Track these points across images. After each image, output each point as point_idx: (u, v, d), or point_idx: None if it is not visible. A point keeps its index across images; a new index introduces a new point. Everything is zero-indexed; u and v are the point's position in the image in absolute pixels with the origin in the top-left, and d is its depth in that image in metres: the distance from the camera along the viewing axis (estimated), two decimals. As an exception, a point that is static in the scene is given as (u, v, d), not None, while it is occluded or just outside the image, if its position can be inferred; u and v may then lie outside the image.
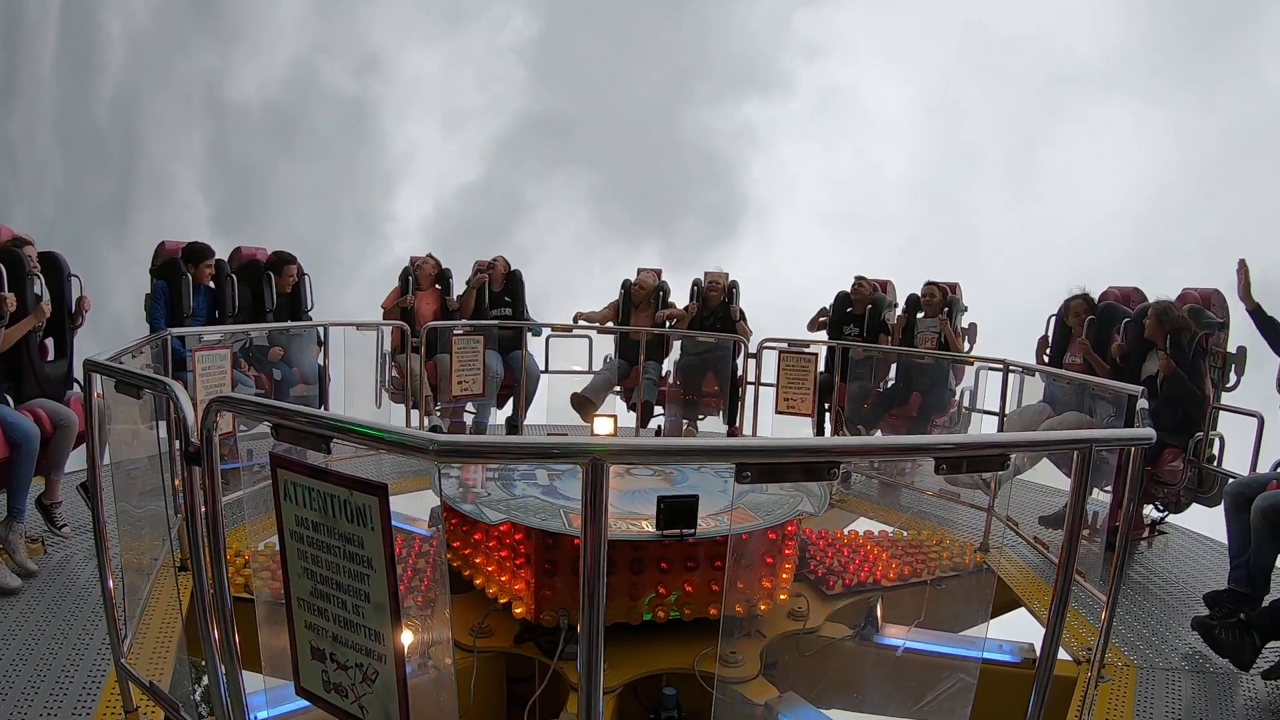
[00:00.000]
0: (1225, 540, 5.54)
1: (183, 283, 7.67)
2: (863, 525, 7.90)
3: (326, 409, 8.35)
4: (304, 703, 2.66)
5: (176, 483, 4.73)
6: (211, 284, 8.00)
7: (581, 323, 10.21)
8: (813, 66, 57.19)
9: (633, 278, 10.13)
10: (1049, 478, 7.39)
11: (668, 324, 10.02)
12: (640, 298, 10.06)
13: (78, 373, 5.59)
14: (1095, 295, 8.00)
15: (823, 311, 9.96)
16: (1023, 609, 6.11)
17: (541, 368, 10.17)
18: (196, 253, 7.79)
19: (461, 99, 50.54)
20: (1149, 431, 3.14)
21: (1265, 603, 4.99)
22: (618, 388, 10.16)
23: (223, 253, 8.25)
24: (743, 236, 53.50)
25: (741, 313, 9.91)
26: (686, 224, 54.13)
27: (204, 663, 2.94)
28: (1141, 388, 5.35)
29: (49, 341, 6.05)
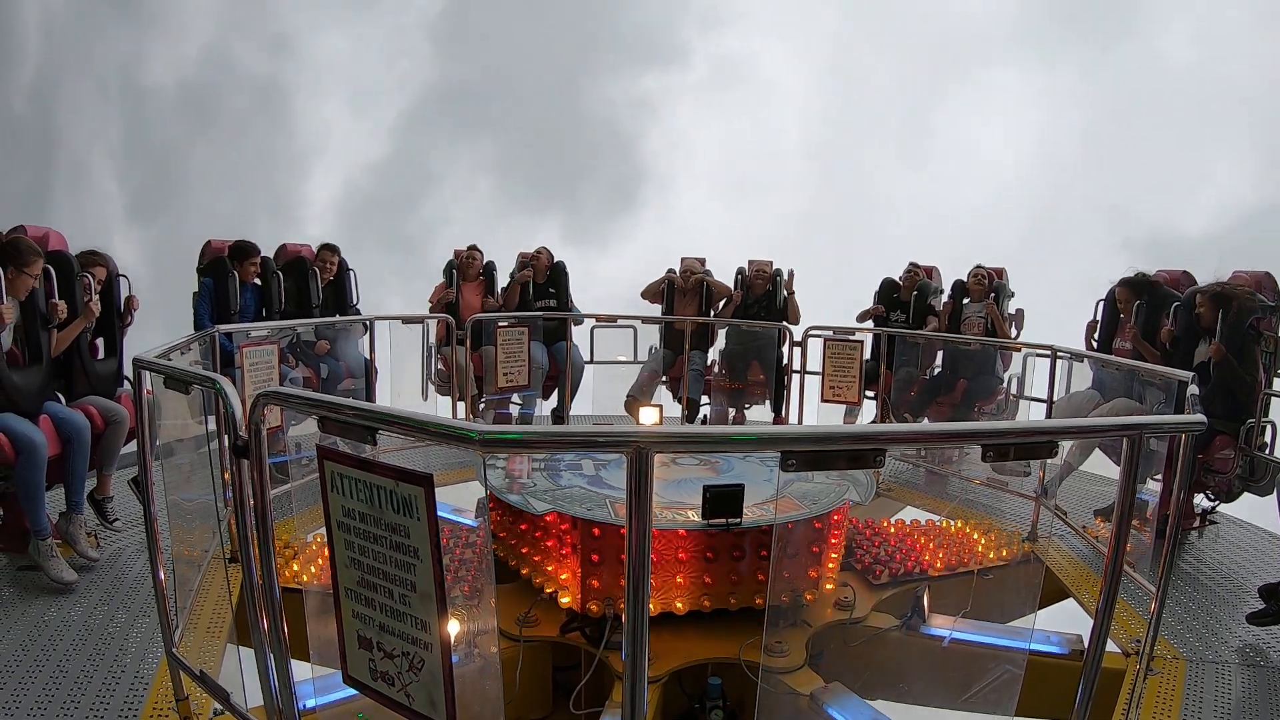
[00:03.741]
0: (1277, 530, 5.48)
1: (229, 281, 7.74)
2: (909, 514, 7.85)
3: (374, 402, 8.40)
4: (351, 691, 2.68)
5: (226, 476, 4.78)
6: (258, 281, 8.06)
7: (622, 317, 10.20)
8: (709, 37, 57.54)
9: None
10: (1101, 467, 7.30)
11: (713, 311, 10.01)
12: (685, 287, 10.03)
13: (128, 370, 5.67)
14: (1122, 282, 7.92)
15: (876, 308, 9.88)
16: (1071, 600, 6.04)
17: (586, 358, 10.15)
18: (242, 250, 7.86)
19: (370, 77, 50.81)
20: (1199, 417, 3.10)
21: None
22: (664, 378, 10.15)
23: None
24: (643, 206, 53.33)
25: (792, 290, 9.88)
26: (588, 195, 54.08)
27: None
28: (1192, 373, 5.29)
29: (99, 341, 6.14)
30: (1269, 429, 6.46)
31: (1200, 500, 7.06)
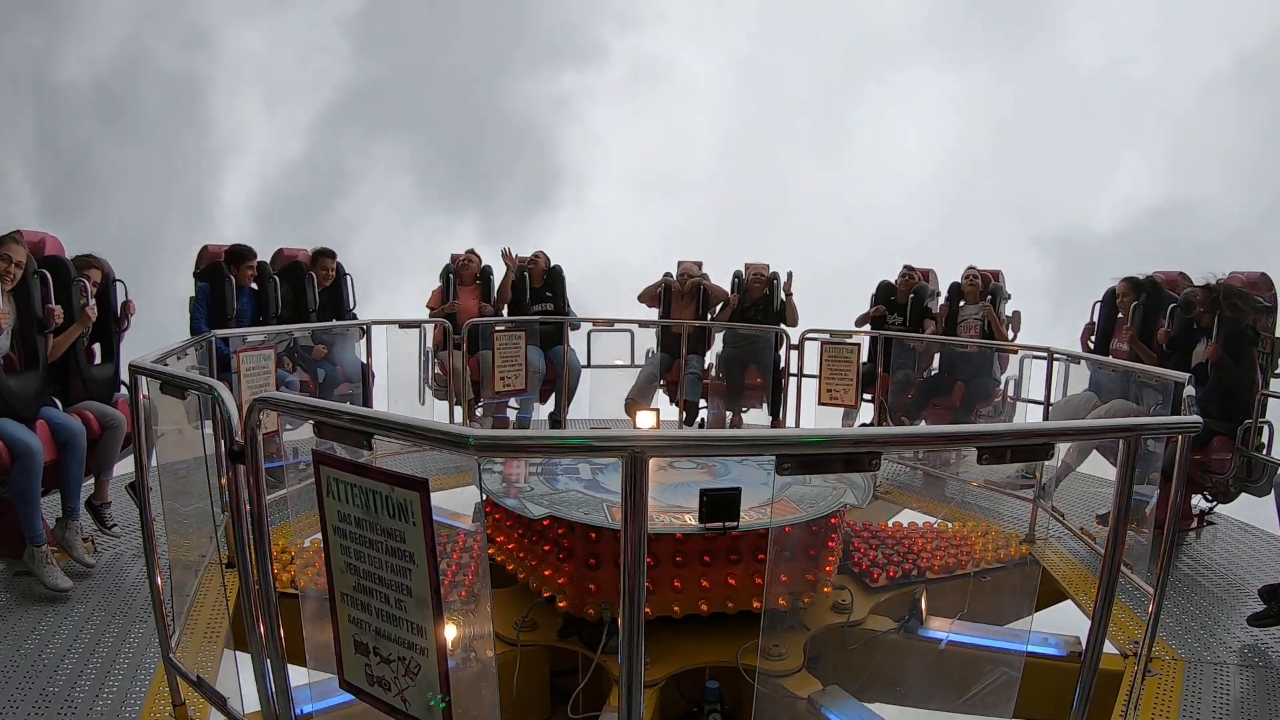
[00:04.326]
0: (1275, 530, 5.48)
1: (225, 285, 7.72)
2: (907, 517, 7.86)
3: (370, 407, 8.41)
4: (348, 696, 2.69)
5: (222, 481, 4.78)
6: (254, 285, 8.05)
7: (619, 321, 10.21)
8: (626, 36, 57.36)
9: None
10: (1099, 468, 7.32)
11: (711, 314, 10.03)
12: (682, 290, 10.03)
13: (124, 375, 5.66)
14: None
15: (878, 310, 9.89)
16: (1069, 601, 6.05)
17: (583, 362, 10.16)
18: (238, 254, 7.84)
19: (285, 74, 49.02)
20: (1196, 419, 3.10)
21: None
22: (662, 382, 10.13)
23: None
24: (559, 206, 53.18)
25: (790, 292, 9.89)
26: (506, 194, 53.53)
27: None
28: (1188, 374, 5.30)
29: (95, 346, 6.13)
30: (1266, 429, 6.47)
31: (1198, 501, 7.07)
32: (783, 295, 9.87)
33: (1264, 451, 6.46)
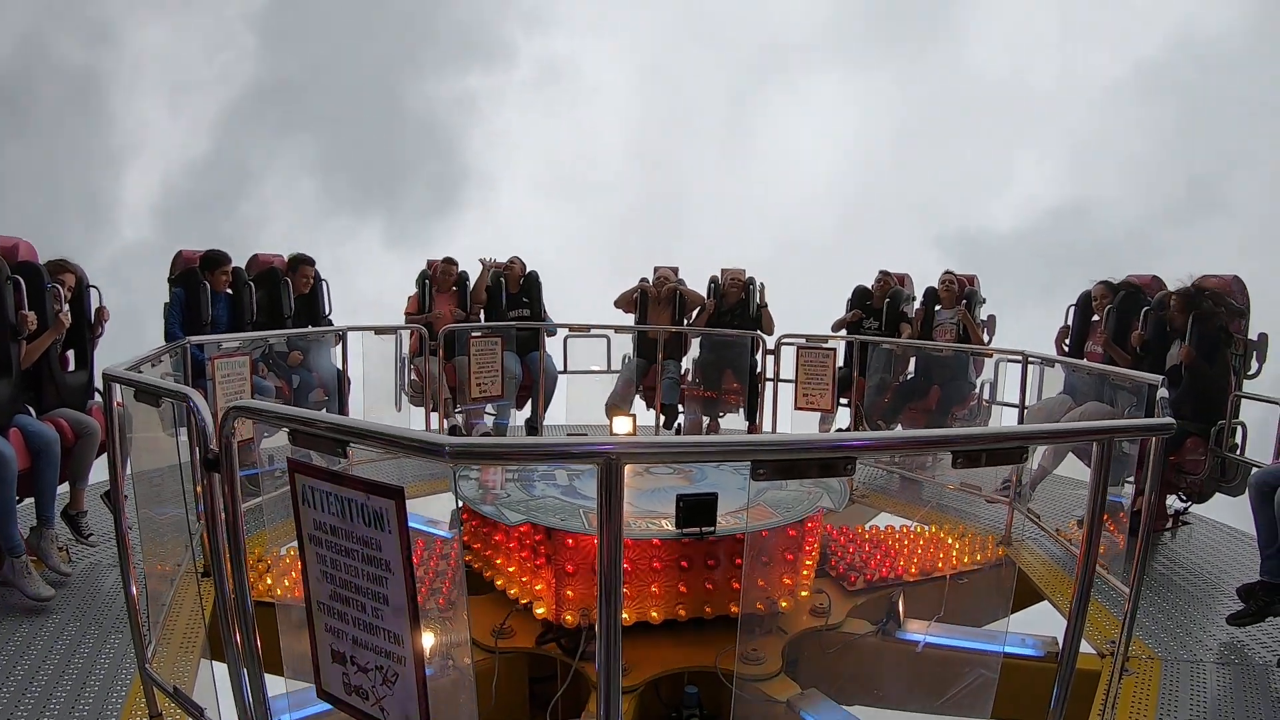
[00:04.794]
0: (1250, 530, 5.52)
1: (200, 291, 7.68)
2: (884, 520, 7.89)
3: (346, 413, 8.38)
4: (326, 705, 2.67)
5: (197, 489, 4.76)
6: (229, 291, 8.01)
7: (595, 326, 10.22)
8: (533, 37, 57.73)
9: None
10: (1075, 470, 7.36)
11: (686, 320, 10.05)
12: (658, 296, 10.04)
13: (98, 382, 5.62)
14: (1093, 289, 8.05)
15: (855, 314, 9.92)
16: (1046, 603, 6.08)
17: (560, 368, 10.17)
18: (213, 260, 7.80)
19: (190, 70, 48.34)
20: (1169, 421, 3.13)
21: None
22: (639, 387, 10.12)
23: None
24: (465, 208, 53.40)
25: (764, 303, 9.91)
26: (410, 195, 54.32)
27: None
28: (1161, 377, 5.34)
29: (69, 353, 6.09)
30: (1239, 430, 6.52)
31: (1173, 501, 7.12)
32: (758, 301, 9.89)
33: (1237, 452, 6.52)
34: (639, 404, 10.13)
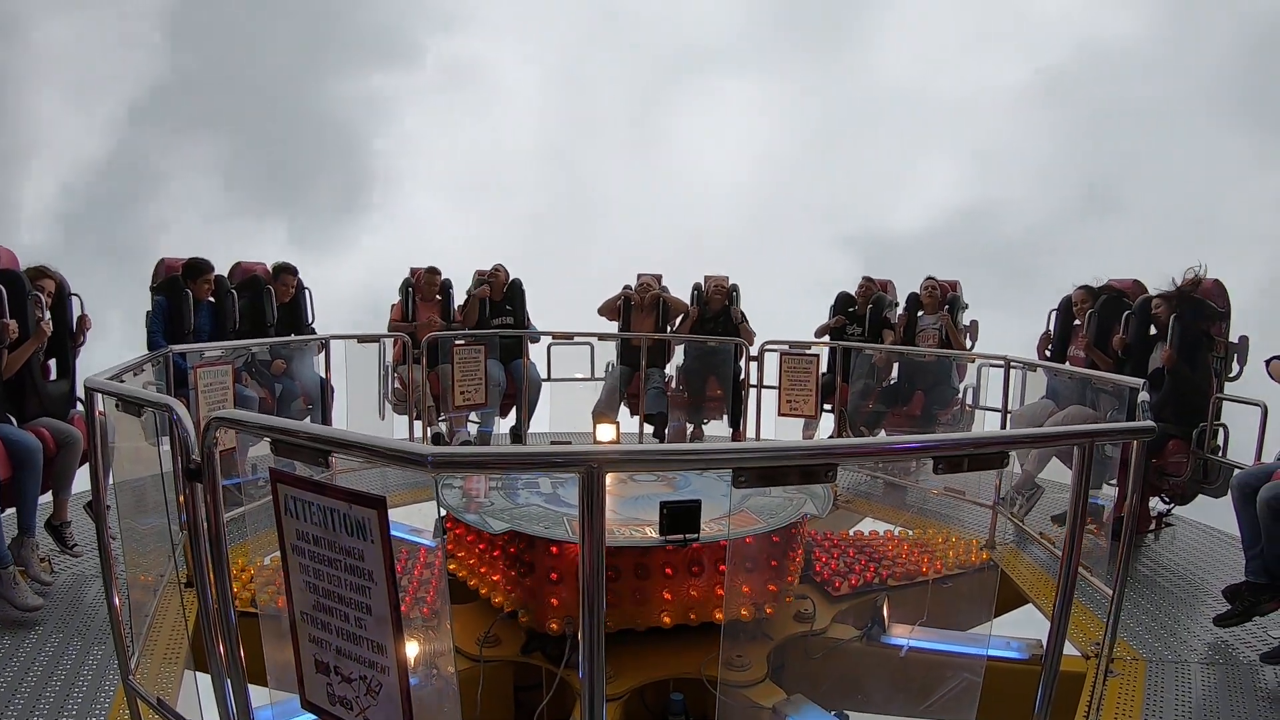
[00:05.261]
0: (1233, 531, 5.56)
1: (184, 300, 7.65)
2: (868, 525, 7.89)
3: (329, 422, 8.37)
4: (310, 716, 2.67)
5: (180, 499, 4.74)
6: (211, 299, 7.98)
7: (578, 334, 10.22)
8: (442, 37, 57.24)
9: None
10: (1059, 474, 7.39)
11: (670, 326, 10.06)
12: (641, 303, 10.05)
13: (80, 391, 5.60)
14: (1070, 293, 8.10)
15: (838, 320, 9.94)
16: (1031, 606, 6.10)
17: (543, 376, 10.17)
18: (195, 268, 7.77)
19: (92, 67, 45.91)
20: (1149, 424, 3.16)
21: None
22: (623, 394, 10.09)
23: None
24: (370, 210, 52.42)
25: (743, 314, 9.93)
26: (315, 198, 52.87)
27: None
28: (1143, 380, 5.37)
29: (51, 361, 6.06)
30: (1221, 432, 6.56)
31: (1155, 503, 7.15)
32: (736, 317, 9.93)
33: (1219, 454, 6.56)
34: (624, 411, 10.13)
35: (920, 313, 9.43)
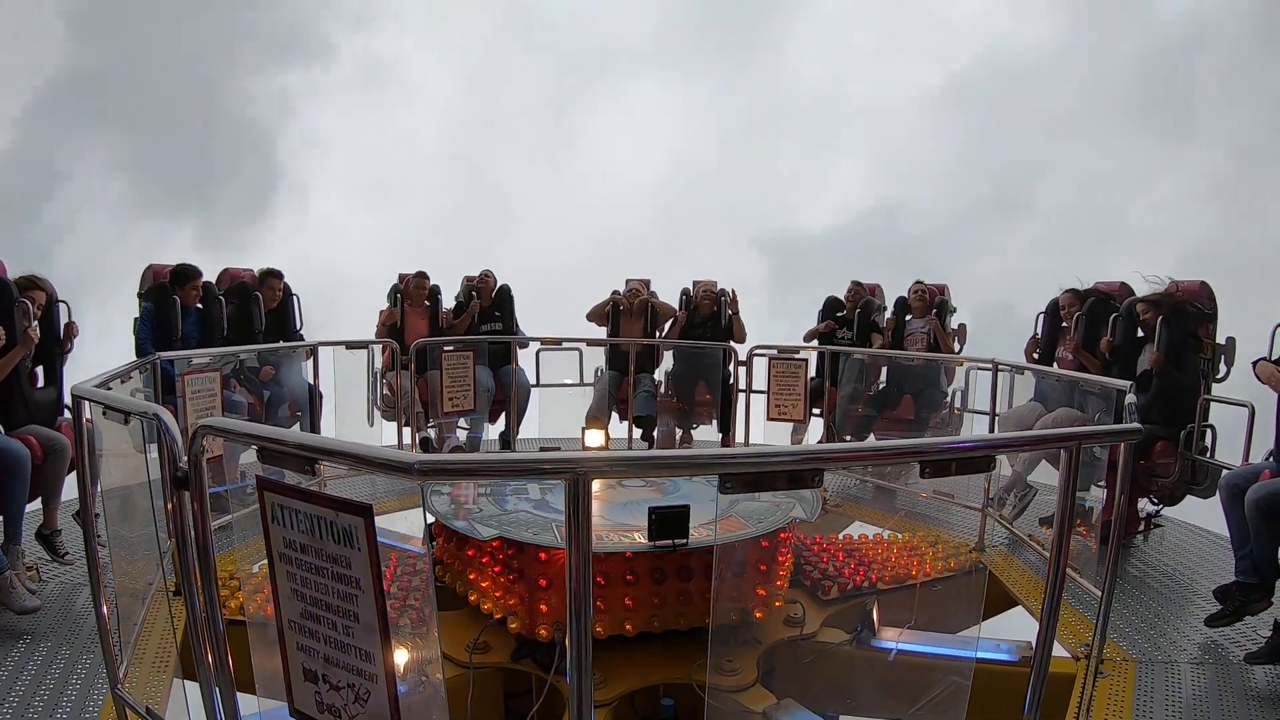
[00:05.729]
0: (1221, 531, 5.58)
1: (171, 306, 7.63)
2: (857, 529, 7.91)
3: (318, 429, 8.35)
4: (298, 724, 2.66)
5: (168, 507, 4.72)
6: (200, 306, 7.96)
7: (567, 340, 10.23)
8: (356, 35, 58.39)
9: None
10: (1049, 476, 7.40)
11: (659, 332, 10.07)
12: (630, 308, 10.06)
13: (68, 398, 5.59)
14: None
15: (828, 325, 9.95)
16: (1021, 608, 6.12)
17: (532, 381, 10.16)
18: (183, 275, 7.75)
19: None
20: (1135, 426, 3.18)
21: None
22: (614, 399, 10.10)
23: None
24: (279, 210, 53.67)
25: (736, 310, 9.97)
26: (223, 197, 53.05)
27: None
28: (1130, 382, 5.39)
29: (38, 369, 6.04)
30: (1208, 433, 6.59)
31: (1144, 504, 7.17)
32: (729, 312, 9.92)
33: (1207, 455, 6.59)
34: (615, 416, 10.13)
35: (909, 317, 9.46)
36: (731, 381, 9.63)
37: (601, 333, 10.21)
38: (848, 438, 9.06)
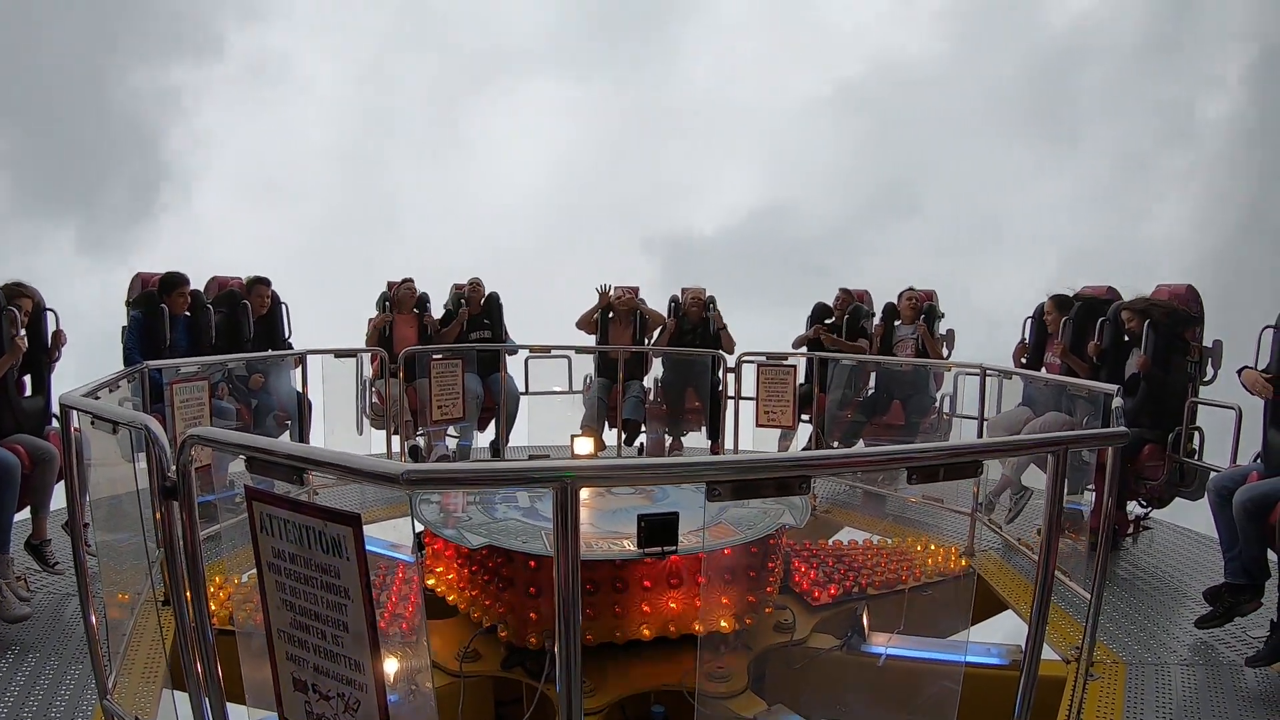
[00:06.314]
0: (1210, 533, 5.61)
1: (159, 315, 7.61)
2: (847, 535, 7.92)
3: (307, 437, 8.34)
4: (288, 734, 2.65)
5: (157, 517, 4.71)
6: (188, 314, 7.94)
7: (556, 347, 10.22)
8: (246, 30, 57.91)
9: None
10: (1040, 480, 7.42)
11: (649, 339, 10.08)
12: (619, 314, 10.06)
13: (56, 407, 5.56)
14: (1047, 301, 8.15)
15: (817, 330, 9.95)
16: (1011, 611, 6.13)
17: (521, 389, 10.13)
18: (170, 282, 7.71)
19: None
20: (1122, 430, 3.21)
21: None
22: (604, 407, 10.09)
23: None
24: (165, 209, 51.97)
25: (724, 323, 9.96)
26: (109, 196, 51.99)
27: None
28: (1117, 386, 5.41)
29: (26, 378, 6.02)
30: (1196, 436, 6.61)
31: (1133, 507, 7.19)
32: (715, 325, 9.95)
33: (1195, 457, 6.61)
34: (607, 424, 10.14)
35: (897, 323, 9.49)
36: (721, 388, 9.62)
37: (590, 340, 10.19)
38: (835, 444, 9.06)
